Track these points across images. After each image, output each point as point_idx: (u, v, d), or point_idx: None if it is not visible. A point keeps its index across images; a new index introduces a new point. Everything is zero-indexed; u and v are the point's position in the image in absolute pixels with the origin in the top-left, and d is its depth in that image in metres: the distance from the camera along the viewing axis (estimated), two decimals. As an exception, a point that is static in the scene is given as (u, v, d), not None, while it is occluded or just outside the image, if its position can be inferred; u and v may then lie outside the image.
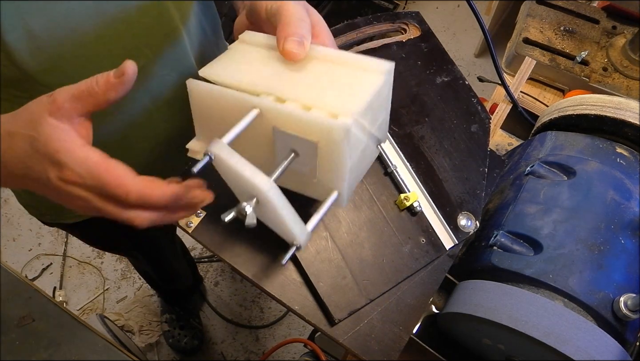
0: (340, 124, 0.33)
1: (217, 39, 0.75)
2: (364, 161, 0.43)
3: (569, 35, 0.95)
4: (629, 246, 0.56)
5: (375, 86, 0.37)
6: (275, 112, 0.36)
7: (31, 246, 1.74)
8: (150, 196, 0.38)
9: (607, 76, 0.90)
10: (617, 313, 0.52)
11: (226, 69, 0.41)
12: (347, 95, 0.36)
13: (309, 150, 0.36)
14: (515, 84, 0.87)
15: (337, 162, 0.36)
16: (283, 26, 0.40)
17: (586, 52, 0.91)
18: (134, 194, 0.38)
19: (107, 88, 0.39)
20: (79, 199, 0.39)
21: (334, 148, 0.35)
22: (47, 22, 0.47)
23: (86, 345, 0.69)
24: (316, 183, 0.40)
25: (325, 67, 0.39)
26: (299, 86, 0.38)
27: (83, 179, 0.38)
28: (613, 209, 0.57)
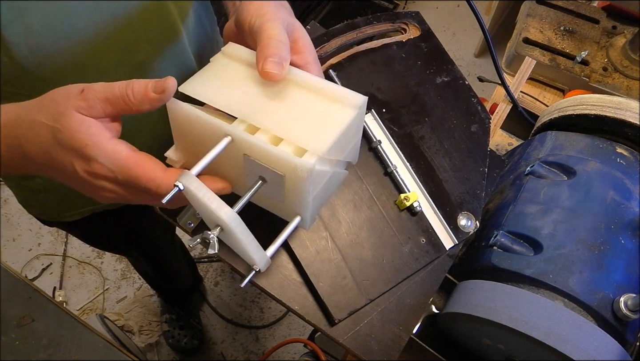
0: (304, 164, 0.35)
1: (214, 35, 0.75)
2: (331, 186, 0.44)
3: (569, 35, 0.95)
4: (629, 246, 0.56)
5: (345, 121, 0.39)
6: (245, 143, 0.37)
7: (31, 246, 1.74)
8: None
9: (607, 75, 0.90)
10: (617, 313, 0.52)
11: (206, 87, 0.41)
12: (317, 130, 0.38)
13: (276, 179, 0.38)
14: (515, 84, 0.87)
15: (301, 194, 0.38)
16: (262, 47, 0.41)
17: (586, 52, 0.91)
18: (164, 187, 0.38)
19: (142, 100, 0.39)
20: (108, 192, 0.39)
21: (298, 183, 0.37)
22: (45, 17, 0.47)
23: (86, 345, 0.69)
24: (283, 207, 0.42)
25: (301, 94, 0.41)
26: (272, 114, 0.39)
27: (113, 174, 0.38)
28: (613, 209, 0.57)
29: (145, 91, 0.39)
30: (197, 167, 0.36)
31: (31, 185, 0.73)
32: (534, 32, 0.95)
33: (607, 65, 0.91)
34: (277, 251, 0.53)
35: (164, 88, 0.38)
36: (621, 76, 0.90)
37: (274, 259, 0.52)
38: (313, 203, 0.40)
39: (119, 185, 0.39)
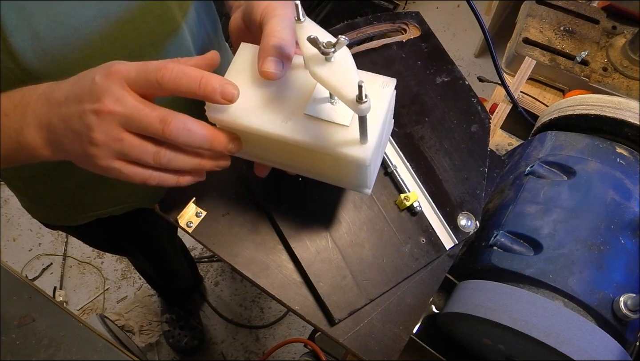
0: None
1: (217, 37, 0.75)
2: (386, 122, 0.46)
3: (569, 35, 0.95)
4: (629, 246, 0.56)
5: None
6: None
7: (31, 246, 1.74)
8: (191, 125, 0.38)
9: (607, 76, 0.90)
10: (617, 313, 0.52)
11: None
12: None
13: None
14: (515, 84, 0.87)
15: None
16: (262, 45, 0.41)
17: (586, 52, 0.91)
18: (175, 121, 0.38)
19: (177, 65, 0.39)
20: (110, 97, 0.38)
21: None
22: (51, 23, 0.47)
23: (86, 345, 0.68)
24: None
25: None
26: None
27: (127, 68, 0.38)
28: (613, 209, 0.57)
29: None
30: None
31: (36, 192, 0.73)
32: (534, 32, 0.95)
33: (607, 65, 0.91)
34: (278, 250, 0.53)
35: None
36: (621, 76, 0.90)
37: (273, 259, 0.53)
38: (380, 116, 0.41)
39: (121, 127, 0.38)
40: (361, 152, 0.39)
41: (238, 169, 0.55)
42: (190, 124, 0.39)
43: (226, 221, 0.53)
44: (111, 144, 0.38)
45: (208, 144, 0.40)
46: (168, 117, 0.38)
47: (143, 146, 0.39)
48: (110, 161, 0.39)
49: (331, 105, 0.41)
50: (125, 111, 0.38)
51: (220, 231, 0.52)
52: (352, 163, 0.40)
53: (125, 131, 0.38)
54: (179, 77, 0.38)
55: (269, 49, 0.40)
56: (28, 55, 0.47)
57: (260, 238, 0.53)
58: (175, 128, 0.38)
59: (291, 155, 0.45)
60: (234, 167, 0.55)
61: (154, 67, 0.38)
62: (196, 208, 0.52)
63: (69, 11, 0.47)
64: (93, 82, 0.38)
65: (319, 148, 0.40)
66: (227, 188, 0.54)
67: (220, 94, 0.38)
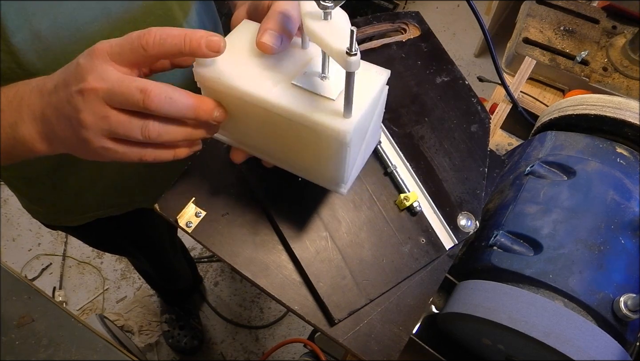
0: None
1: None
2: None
3: (569, 35, 0.95)
4: (629, 246, 0.56)
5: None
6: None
7: (31, 246, 1.74)
8: (173, 93, 0.37)
9: (607, 76, 0.90)
10: (617, 313, 0.52)
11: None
12: None
13: None
14: (515, 84, 0.87)
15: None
16: (265, 19, 0.40)
17: (586, 52, 0.91)
18: (155, 91, 0.37)
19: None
20: (94, 74, 0.37)
21: None
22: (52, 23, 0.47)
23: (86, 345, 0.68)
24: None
25: None
26: None
27: (110, 43, 0.37)
28: (613, 209, 0.57)
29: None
30: None
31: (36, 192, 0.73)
32: (534, 32, 0.95)
33: (607, 65, 0.91)
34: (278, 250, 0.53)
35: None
36: (621, 76, 0.90)
37: (273, 259, 0.53)
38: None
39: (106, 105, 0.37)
40: (343, 125, 0.37)
41: (238, 169, 0.55)
42: (172, 92, 0.38)
43: (226, 221, 0.53)
44: (99, 123, 0.38)
45: (193, 113, 0.39)
46: (149, 87, 0.37)
47: (130, 121, 0.38)
48: (102, 141, 0.39)
49: (321, 80, 0.40)
50: (107, 86, 0.37)
51: (220, 231, 0.52)
52: (331, 138, 0.38)
53: (110, 107, 0.37)
54: (162, 37, 0.37)
55: (272, 22, 0.39)
56: (29, 56, 0.47)
57: (259, 238, 0.53)
58: (157, 98, 0.37)
59: (271, 133, 0.43)
60: (234, 167, 0.55)
61: (136, 34, 0.37)
62: (196, 208, 0.52)
63: (70, 11, 0.47)
64: (77, 64, 0.37)
65: (301, 118, 0.38)
66: (227, 188, 0.54)
67: (205, 44, 0.37)
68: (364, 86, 0.39)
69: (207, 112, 0.40)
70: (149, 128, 0.38)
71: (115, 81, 0.37)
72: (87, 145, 0.39)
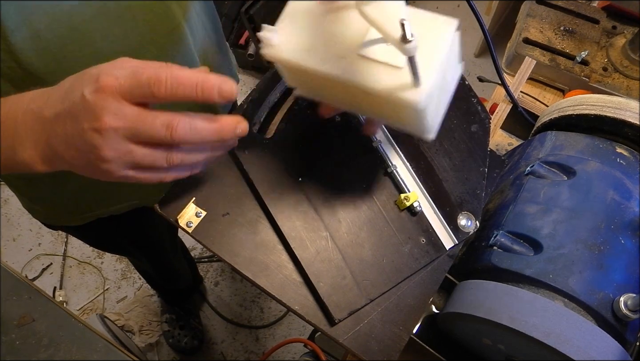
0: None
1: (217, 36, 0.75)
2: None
3: (569, 35, 0.95)
4: (629, 246, 0.56)
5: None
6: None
7: (31, 246, 1.74)
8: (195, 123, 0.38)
9: (607, 76, 0.90)
10: (617, 313, 0.52)
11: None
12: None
13: None
14: (515, 84, 0.87)
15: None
16: None
17: (586, 52, 0.91)
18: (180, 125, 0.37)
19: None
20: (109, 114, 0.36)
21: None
22: (52, 21, 0.47)
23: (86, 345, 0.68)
24: None
25: None
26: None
27: (117, 80, 0.37)
28: (613, 209, 0.57)
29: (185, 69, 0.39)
30: None
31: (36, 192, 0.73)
32: (534, 32, 0.95)
33: (607, 65, 0.91)
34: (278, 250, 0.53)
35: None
36: (621, 75, 0.90)
37: (273, 259, 0.53)
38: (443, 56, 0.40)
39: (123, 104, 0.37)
40: (413, 96, 0.37)
41: (237, 170, 0.55)
42: (195, 122, 0.38)
43: (226, 221, 0.53)
44: (122, 157, 0.38)
45: (217, 136, 0.40)
46: (172, 121, 0.37)
47: (153, 154, 0.39)
48: (124, 172, 0.39)
49: (386, 45, 0.39)
50: (128, 125, 0.37)
51: (220, 231, 0.52)
52: (405, 107, 0.39)
53: (133, 143, 0.38)
54: (174, 87, 0.37)
55: None
56: (28, 54, 0.47)
57: (260, 238, 0.53)
58: (183, 131, 0.38)
59: (350, 96, 0.44)
60: (233, 168, 0.55)
61: (146, 79, 0.37)
62: (196, 208, 0.52)
63: (69, 10, 0.47)
64: (84, 99, 0.37)
65: (372, 90, 0.39)
66: (227, 188, 0.54)
67: (218, 93, 0.38)
68: (430, 45, 0.39)
69: (230, 132, 0.41)
70: (173, 158, 0.39)
71: (136, 118, 0.37)
72: (107, 174, 0.39)
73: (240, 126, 0.41)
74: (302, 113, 0.57)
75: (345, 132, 0.58)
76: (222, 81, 0.38)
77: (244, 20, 0.52)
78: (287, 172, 0.54)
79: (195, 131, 0.38)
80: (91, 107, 0.36)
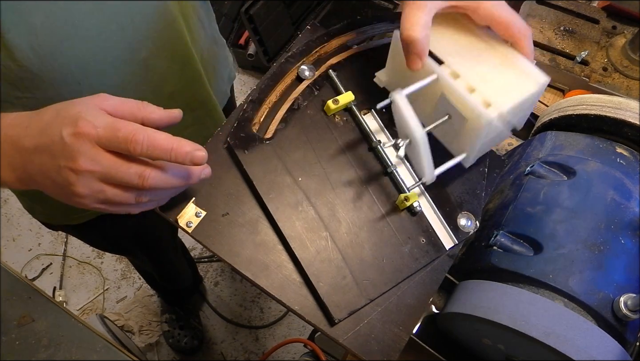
0: (487, 115, 0.45)
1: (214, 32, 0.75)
2: (496, 139, 0.53)
3: (569, 35, 0.95)
4: (629, 246, 0.56)
5: (528, 93, 0.47)
6: (447, 84, 0.47)
7: (31, 246, 1.74)
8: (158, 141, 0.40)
9: (607, 76, 0.90)
10: (617, 313, 0.52)
11: None
12: (504, 92, 0.47)
13: (459, 119, 0.47)
14: (515, 84, 0.87)
15: (474, 137, 0.48)
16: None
17: (586, 52, 0.91)
18: (152, 174, 0.40)
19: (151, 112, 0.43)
20: (85, 158, 0.39)
21: (476, 127, 0.46)
22: (48, 18, 0.47)
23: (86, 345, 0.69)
24: (455, 143, 0.51)
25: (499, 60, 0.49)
26: (474, 66, 0.48)
27: (96, 130, 0.39)
28: (613, 209, 0.57)
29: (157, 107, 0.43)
30: (408, 90, 0.46)
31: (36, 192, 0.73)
32: (534, 32, 0.95)
33: (607, 65, 0.91)
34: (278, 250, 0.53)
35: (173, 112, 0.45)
36: (621, 76, 0.90)
37: (273, 259, 0.53)
38: (480, 147, 0.50)
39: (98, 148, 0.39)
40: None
41: (237, 170, 0.55)
42: (166, 173, 0.42)
43: (226, 221, 0.53)
44: (94, 195, 0.41)
45: (185, 183, 0.44)
46: (144, 172, 0.40)
47: (124, 194, 0.42)
48: (96, 205, 0.43)
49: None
50: (103, 170, 0.40)
51: (220, 231, 0.52)
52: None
53: (106, 184, 0.41)
54: (150, 150, 0.39)
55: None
56: (25, 51, 0.47)
57: (260, 238, 0.53)
58: (154, 181, 0.41)
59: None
60: (233, 168, 0.55)
61: (123, 137, 0.39)
62: (196, 208, 0.52)
63: (65, 6, 0.47)
64: (62, 140, 0.39)
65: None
66: (227, 188, 0.54)
67: (190, 160, 0.41)
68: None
69: (196, 178, 0.45)
70: (142, 198, 0.43)
71: (110, 166, 0.40)
72: (80, 205, 0.43)
73: (205, 172, 0.46)
74: (302, 113, 0.57)
75: (345, 132, 0.58)
76: (195, 148, 0.41)
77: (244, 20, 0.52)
78: (287, 173, 0.54)
79: (165, 180, 0.42)
80: (68, 149, 0.39)
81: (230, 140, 0.54)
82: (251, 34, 1.70)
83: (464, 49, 0.49)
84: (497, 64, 0.49)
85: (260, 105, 0.56)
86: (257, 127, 0.56)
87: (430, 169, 0.48)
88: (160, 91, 0.63)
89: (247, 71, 2.03)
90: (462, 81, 0.47)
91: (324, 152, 0.56)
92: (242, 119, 0.55)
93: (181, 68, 0.63)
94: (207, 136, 0.54)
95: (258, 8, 1.62)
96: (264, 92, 0.57)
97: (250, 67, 2.00)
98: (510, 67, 0.48)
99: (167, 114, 0.45)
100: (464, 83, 0.47)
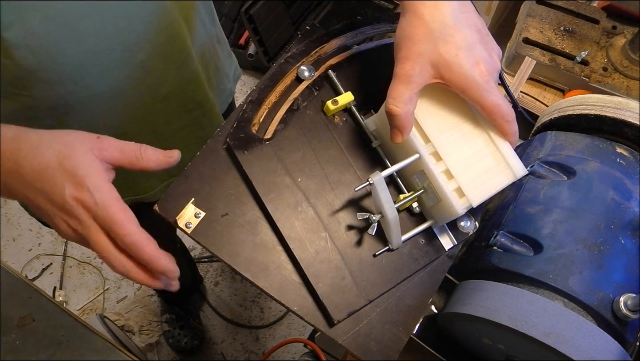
0: (459, 207, 0.48)
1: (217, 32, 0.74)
2: None
3: (569, 35, 0.95)
4: (629, 246, 0.56)
5: (501, 185, 0.49)
6: (428, 167, 0.49)
7: (31, 246, 1.74)
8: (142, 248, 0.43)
9: (607, 76, 0.90)
10: (617, 313, 0.52)
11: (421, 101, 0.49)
12: (479, 183, 0.49)
13: (433, 196, 0.50)
14: (515, 84, 0.87)
15: (444, 215, 0.51)
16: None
17: (586, 52, 0.91)
18: (130, 237, 0.43)
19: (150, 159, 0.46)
20: (75, 221, 0.42)
21: (447, 211, 0.50)
22: (45, 18, 0.47)
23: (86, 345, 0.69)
24: (425, 206, 0.54)
25: (483, 143, 0.50)
26: (456, 150, 0.49)
27: (96, 207, 0.41)
28: (613, 209, 0.57)
29: (157, 155, 0.46)
30: (386, 172, 0.49)
31: None
32: (534, 32, 0.95)
33: (607, 65, 0.91)
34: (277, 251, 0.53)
35: (172, 155, 0.47)
36: (621, 75, 0.90)
37: (273, 259, 0.53)
38: (446, 221, 0.54)
39: (91, 219, 0.42)
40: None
41: (237, 170, 0.55)
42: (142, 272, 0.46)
43: (225, 222, 0.53)
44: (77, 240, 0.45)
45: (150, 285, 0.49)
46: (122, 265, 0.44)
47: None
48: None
49: None
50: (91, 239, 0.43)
51: (220, 232, 0.52)
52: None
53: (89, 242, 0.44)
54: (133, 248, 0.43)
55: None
56: (22, 51, 0.47)
57: (259, 238, 0.53)
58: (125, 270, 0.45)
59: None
60: (233, 168, 0.55)
61: (119, 225, 0.42)
62: (195, 209, 0.52)
63: (63, 7, 0.47)
64: (64, 198, 0.41)
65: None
66: (226, 189, 0.54)
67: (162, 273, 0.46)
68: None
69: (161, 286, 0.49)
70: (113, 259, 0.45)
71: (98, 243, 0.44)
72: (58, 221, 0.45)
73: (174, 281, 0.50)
74: (302, 114, 0.57)
75: (345, 133, 0.58)
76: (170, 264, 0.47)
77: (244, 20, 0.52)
78: (287, 173, 0.54)
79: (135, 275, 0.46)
80: (68, 208, 0.42)
81: (229, 140, 0.54)
82: (251, 34, 1.70)
83: (451, 125, 0.50)
84: (481, 147, 0.49)
85: (260, 105, 0.56)
86: (256, 128, 0.56)
87: (398, 240, 0.52)
88: (156, 92, 0.63)
89: (247, 71, 2.03)
90: (443, 164, 0.49)
91: (323, 153, 0.56)
92: (241, 120, 0.55)
93: (178, 69, 0.63)
94: (203, 137, 0.54)
95: (258, 8, 1.62)
96: (263, 93, 0.57)
97: (250, 67, 2.00)
98: (491, 154, 0.49)
99: (166, 158, 0.47)
100: (444, 167, 0.49)
